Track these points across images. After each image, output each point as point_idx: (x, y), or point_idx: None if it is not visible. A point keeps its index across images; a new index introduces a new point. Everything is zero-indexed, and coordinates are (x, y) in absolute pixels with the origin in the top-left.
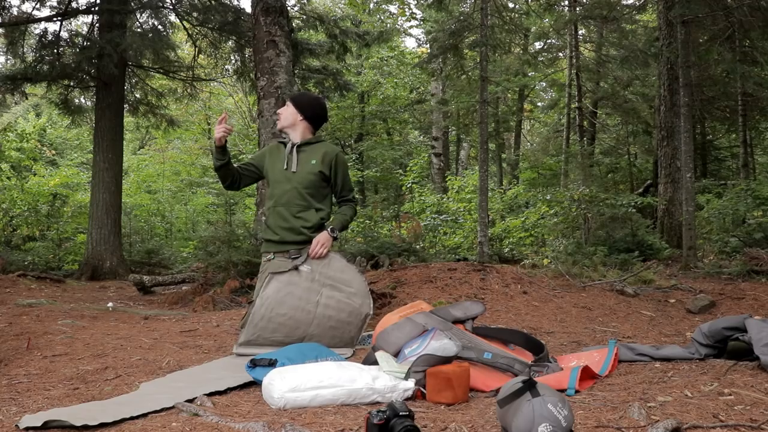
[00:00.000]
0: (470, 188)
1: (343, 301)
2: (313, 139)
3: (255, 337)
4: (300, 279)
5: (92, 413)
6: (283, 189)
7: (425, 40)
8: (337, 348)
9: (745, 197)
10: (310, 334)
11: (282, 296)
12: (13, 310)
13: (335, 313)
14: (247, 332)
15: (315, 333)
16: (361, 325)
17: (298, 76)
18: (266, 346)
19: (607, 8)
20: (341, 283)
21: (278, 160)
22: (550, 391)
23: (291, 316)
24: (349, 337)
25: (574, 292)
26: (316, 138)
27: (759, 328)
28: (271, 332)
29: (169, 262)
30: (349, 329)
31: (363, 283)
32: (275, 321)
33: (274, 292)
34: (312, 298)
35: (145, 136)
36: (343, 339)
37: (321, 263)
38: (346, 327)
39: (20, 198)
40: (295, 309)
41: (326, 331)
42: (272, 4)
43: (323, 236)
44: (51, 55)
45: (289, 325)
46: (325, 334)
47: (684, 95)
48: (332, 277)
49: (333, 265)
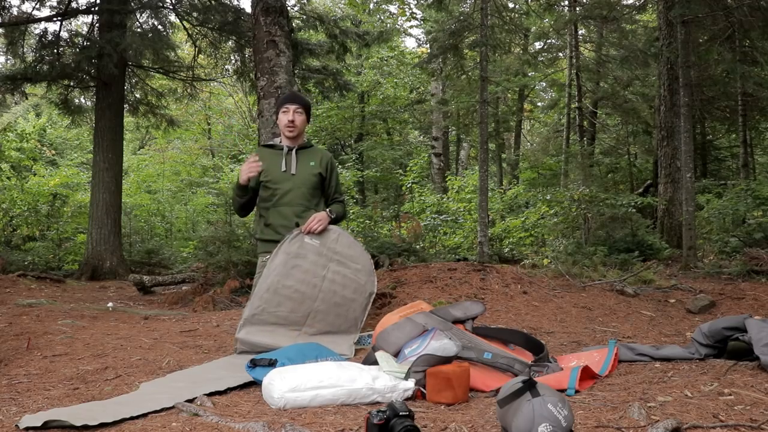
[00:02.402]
0: (470, 188)
1: (349, 276)
2: (308, 143)
3: (260, 310)
4: (308, 252)
5: (92, 413)
6: (285, 189)
7: (425, 40)
8: (340, 334)
9: (745, 197)
10: (315, 310)
11: (289, 269)
12: (13, 310)
13: (340, 289)
14: (252, 305)
15: (320, 309)
16: (365, 305)
17: (298, 76)
18: (270, 324)
19: (607, 8)
20: (348, 259)
21: (274, 162)
22: (550, 391)
23: (297, 289)
24: (354, 317)
25: (574, 292)
26: (309, 142)
27: (759, 328)
28: (276, 306)
29: (169, 262)
30: (354, 307)
31: (369, 261)
32: (281, 293)
33: (281, 264)
34: (319, 272)
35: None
36: (348, 318)
37: (329, 238)
38: (351, 305)
39: (20, 198)
40: (302, 282)
41: (331, 308)
42: (272, 4)
43: (321, 214)
44: (51, 55)
45: (295, 299)
46: (330, 310)
47: (684, 95)
48: (340, 253)
49: (341, 240)
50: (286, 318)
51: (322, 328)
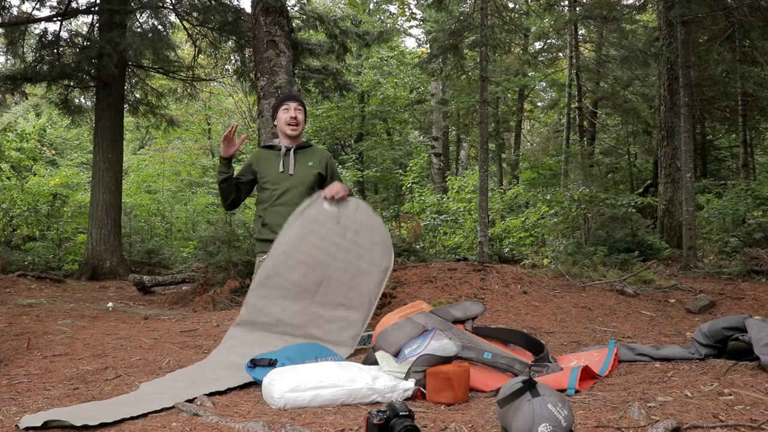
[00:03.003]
0: (470, 188)
1: (365, 247)
2: (306, 143)
3: (274, 272)
4: (326, 219)
5: (92, 413)
6: (283, 189)
7: (425, 40)
8: (352, 309)
9: (745, 197)
10: (327, 278)
11: (305, 233)
12: (13, 310)
13: (355, 259)
14: (266, 266)
15: (333, 277)
16: (380, 280)
17: (298, 76)
18: (282, 289)
19: (607, 8)
20: (366, 229)
21: (272, 163)
22: (550, 391)
23: (312, 255)
24: (368, 291)
25: (574, 292)
26: (307, 142)
27: (759, 328)
28: (289, 269)
29: (169, 262)
30: (368, 281)
31: (387, 235)
32: (295, 258)
33: (299, 228)
34: (335, 240)
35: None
36: (362, 292)
37: (348, 207)
38: (365, 277)
39: (20, 198)
40: (317, 248)
41: (345, 278)
42: (272, 4)
43: (341, 184)
44: (51, 55)
45: (308, 264)
46: (344, 280)
47: (684, 95)
48: (358, 222)
49: (360, 211)
50: (298, 284)
51: (334, 299)
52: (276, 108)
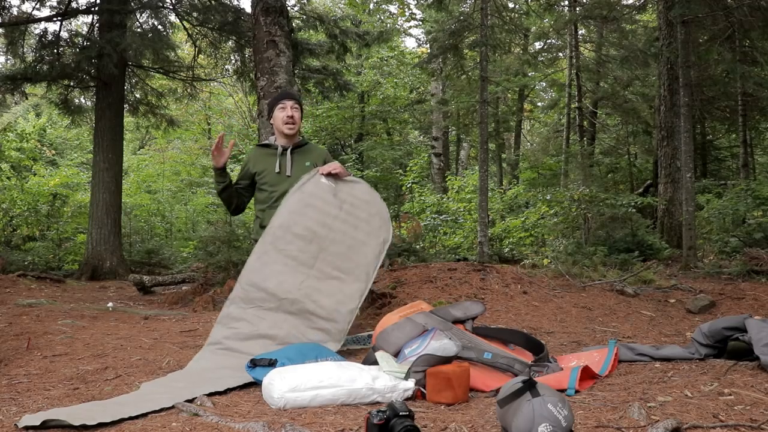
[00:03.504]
0: (470, 188)
1: (362, 218)
2: (303, 141)
3: (270, 247)
4: (323, 193)
5: (92, 413)
6: (281, 191)
7: (425, 40)
8: (349, 282)
9: (745, 197)
10: (325, 250)
11: (302, 207)
12: (13, 310)
13: (352, 230)
14: (262, 242)
15: (330, 250)
16: (378, 252)
17: (298, 76)
18: (279, 264)
19: (607, 8)
20: (363, 203)
21: (269, 164)
22: (550, 391)
23: (308, 228)
24: (365, 263)
25: (574, 292)
26: (304, 140)
27: (759, 328)
28: (287, 243)
29: (169, 262)
30: (365, 252)
31: (385, 208)
32: (292, 231)
33: (296, 203)
34: (331, 211)
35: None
36: (359, 264)
37: (346, 183)
38: (362, 248)
39: (20, 198)
40: (314, 221)
41: (341, 249)
42: (272, 4)
43: (338, 164)
44: (51, 55)
45: (305, 237)
46: (340, 252)
47: (684, 95)
48: (355, 196)
49: (357, 187)
50: (295, 258)
51: (330, 272)
52: (272, 106)
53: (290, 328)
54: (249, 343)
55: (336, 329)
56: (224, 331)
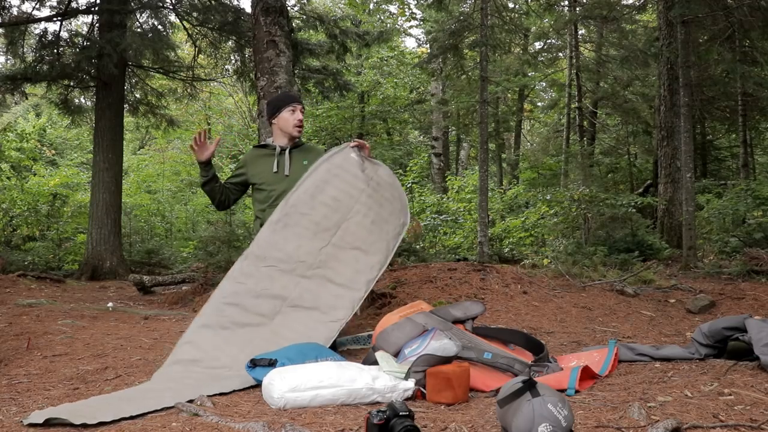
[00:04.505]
0: (470, 188)
1: (386, 198)
2: (299, 141)
3: (293, 210)
4: (351, 166)
5: (94, 410)
6: (280, 190)
7: (425, 40)
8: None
9: (745, 197)
10: (348, 220)
11: (330, 176)
12: (13, 310)
13: (377, 206)
14: (286, 203)
15: (353, 220)
16: (397, 233)
17: (298, 76)
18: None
19: (607, 8)
20: (388, 185)
21: (266, 164)
22: (550, 391)
23: (335, 197)
24: (386, 239)
25: (574, 292)
26: (301, 140)
27: (759, 328)
28: (311, 209)
29: (169, 262)
30: (387, 229)
31: (404, 194)
32: (318, 198)
33: (323, 172)
34: (359, 185)
35: (145, 136)
36: (381, 238)
37: (371, 163)
38: (384, 226)
39: (20, 198)
40: (341, 191)
41: (365, 222)
42: (272, 4)
43: (365, 141)
44: (51, 55)
45: (330, 206)
46: (364, 224)
47: (684, 95)
48: (380, 176)
49: (381, 168)
50: (318, 223)
51: (352, 241)
52: (279, 107)
53: (303, 291)
54: (259, 302)
55: (350, 296)
56: (234, 286)
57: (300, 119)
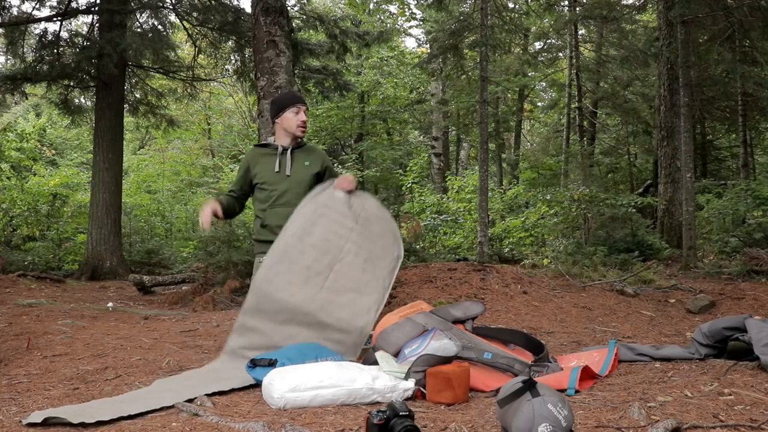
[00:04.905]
0: (470, 188)
1: (376, 233)
2: (302, 142)
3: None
4: (337, 204)
5: (93, 411)
6: (281, 190)
7: (425, 40)
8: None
9: (745, 197)
10: (340, 261)
11: (317, 217)
12: (13, 310)
13: (368, 243)
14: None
15: (345, 261)
16: (392, 268)
17: (298, 76)
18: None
19: (607, 8)
20: (377, 218)
21: (267, 163)
22: (550, 391)
23: (323, 238)
24: (381, 276)
25: (574, 292)
26: (302, 141)
27: (759, 328)
28: (300, 253)
29: (169, 262)
30: (381, 266)
31: (395, 225)
32: (306, 241)
33: (310, 212)
34: (347, 224)
35: (145, 136)
36: (375, 276)
37: (358, 197)
38: (378, 262)
39: (20, 198)
40: (329, 231)
41: (356, 262)
42: (272, 4)
43: (350, 176)
44: (51, 55)
45: (319, 248)
46: (356, 264)
47: (684, 95)
48: (368, 210)
49: (368, 202)
50: (308, 268)
51: (345, 283)
52: (283, 107)
53: (304, 341)
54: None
55: (351, 342)
56: (240, 340)
57: (304, 120)
